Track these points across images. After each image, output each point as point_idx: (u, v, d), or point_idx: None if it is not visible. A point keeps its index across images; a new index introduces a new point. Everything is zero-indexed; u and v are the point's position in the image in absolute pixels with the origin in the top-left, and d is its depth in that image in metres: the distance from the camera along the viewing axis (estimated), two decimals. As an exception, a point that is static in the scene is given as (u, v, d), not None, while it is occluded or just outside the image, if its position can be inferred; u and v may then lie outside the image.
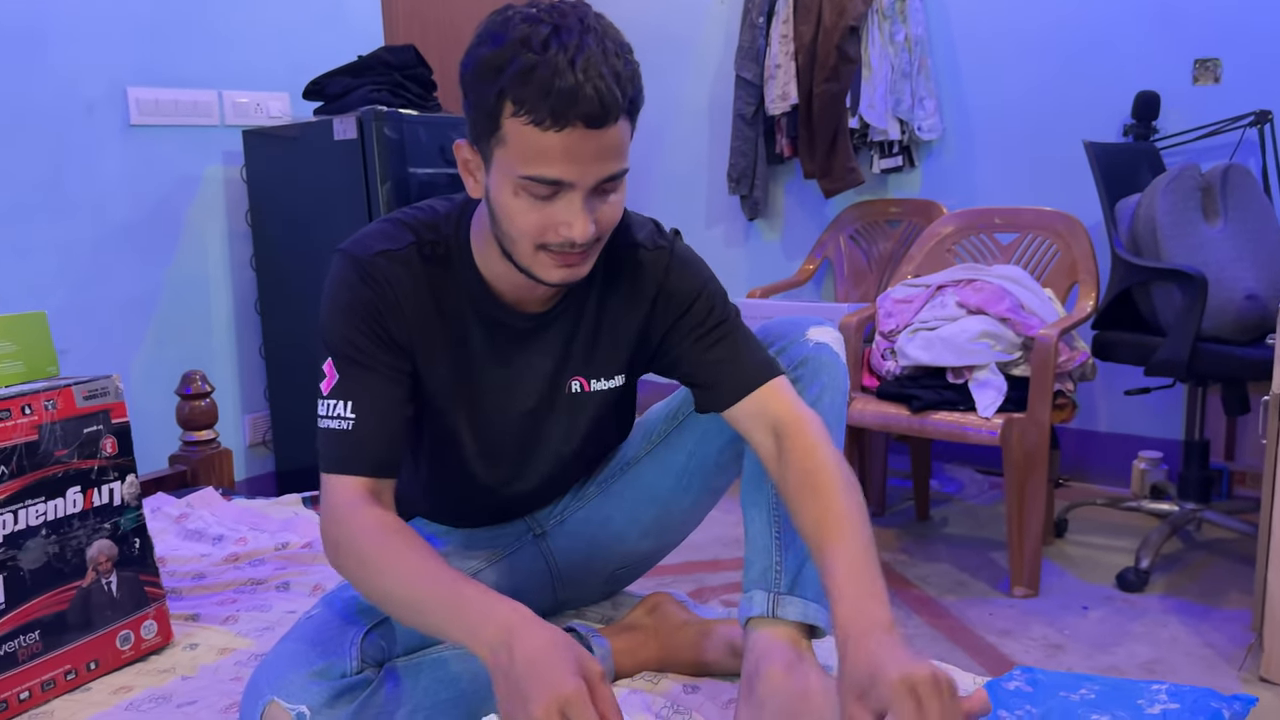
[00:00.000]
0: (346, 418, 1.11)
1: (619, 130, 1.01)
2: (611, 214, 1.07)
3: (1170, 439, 3.00)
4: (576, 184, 1.01)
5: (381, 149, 2.67)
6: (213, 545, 1.85)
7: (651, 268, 1.22)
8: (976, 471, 3.32)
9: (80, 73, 2.71)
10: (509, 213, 1.04)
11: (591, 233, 1.04)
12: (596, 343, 1.24)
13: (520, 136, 0.99)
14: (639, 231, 1.23)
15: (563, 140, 0.98)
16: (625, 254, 1.21)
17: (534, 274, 1.09)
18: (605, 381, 1.26)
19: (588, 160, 1.00)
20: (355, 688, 1.08)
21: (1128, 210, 2.54)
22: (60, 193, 2.69)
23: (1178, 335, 2.33)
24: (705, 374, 1.21)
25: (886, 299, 2.69)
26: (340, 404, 1.12)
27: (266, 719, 1.06)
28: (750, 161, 3.55)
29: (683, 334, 1.22)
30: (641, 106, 1.06)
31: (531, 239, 1.05)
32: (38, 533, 1.29)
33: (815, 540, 1.06)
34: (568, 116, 0.97)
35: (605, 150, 1.00)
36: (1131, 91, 2.93)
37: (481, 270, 1.17)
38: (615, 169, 1.03)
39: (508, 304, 1.19)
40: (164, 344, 2.92)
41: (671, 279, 1.22)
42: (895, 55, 3.23)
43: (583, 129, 0.98)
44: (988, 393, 2.40)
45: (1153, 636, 2.17)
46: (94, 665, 1.35)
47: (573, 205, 1.02)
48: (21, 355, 1.37)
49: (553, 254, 1.06)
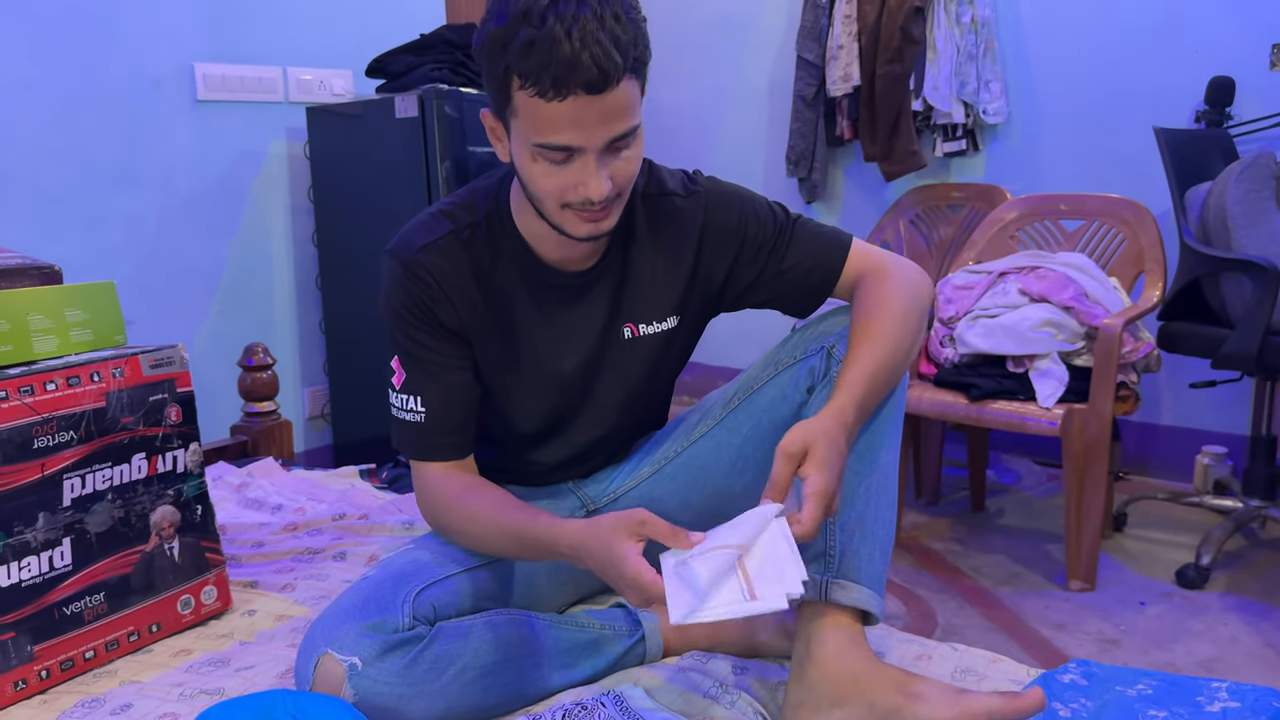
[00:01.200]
0: (418, 411, 1.22)
1: (623, 91, 1.05)
2: (627, 169, 1.12)
3: (1236, 434, 2.93)
4: (586, 147, 1.06)
5: (442, 127, 2.69)
6: (272, 514, 1.88)
7: (690, 212, 1.28)
8: (1034, 463, 3.27)
9: (149, 49, 2.76)
10: (531, 177, 1.11)
11: (608, 189, 1.09)
12: (644, 291, 1.29)
13: (528, 107, 1.05)
14: (671, 182, 1.29)
15: (567, 108, 1.03)
16: (662, 204, 1.28)
17: (564, 229, 1.15)
18: (657, 325, 1.31)
19: (594, 124, 1.05)
20: (407, 643, 1.10)
21: (1198, 199, 2.48)
22: (129, 167, 2.75)
23: (1247, 327, 2.27)
24: (791, 284, 1.29)
25: (947, 285, 2.65)
26: (411, 399, 1.23)
27: (320, 670, 1.08)
28: (810, 143, 3.52)
29: (746, 263, 1.28)
30: (648, 61, 1.10)
31: (555, 199, 1.11)
32: (104, 497, 1.32)
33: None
34: (569, 85, 1.01)
35: (610, 112, 1.05)
36: (1205, 76, 2.84)
37: (524, 234, 1.24)
38: (623, 128, 1.07)
39: (552, 264, 1.25)
40: (227, 316, 2.98)
41: (713, 218, 1.28)
42: (961, 37, 3.18)
43: (585, 96, 1.02)
44: (1049, 383, 2.36)
45: (1212, 635, 2.12)
46: (156, 628, 1.39)
47: (587, 167, 1.08)
48: (91, 324, 1.41)
49: (577, 211, 1.12)
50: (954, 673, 1.24)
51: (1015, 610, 2.26)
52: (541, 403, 1.31)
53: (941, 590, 2.38)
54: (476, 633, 1.15)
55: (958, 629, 2.17)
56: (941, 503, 2.99)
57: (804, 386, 1.24)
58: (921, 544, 2.67)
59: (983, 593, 2.36)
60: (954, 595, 2.35)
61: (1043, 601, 2.30)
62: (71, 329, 1.39)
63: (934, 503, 2.98)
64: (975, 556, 2.58)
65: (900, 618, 2.24)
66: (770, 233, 1.28)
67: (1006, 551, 2.60)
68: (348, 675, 1.06)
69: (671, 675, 1.22)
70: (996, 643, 2.09)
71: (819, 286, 1.28)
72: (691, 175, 1.32)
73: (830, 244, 1.28)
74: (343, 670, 1.07)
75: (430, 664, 1.10)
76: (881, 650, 1.29)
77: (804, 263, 1.27)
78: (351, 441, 3.14)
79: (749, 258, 1.28)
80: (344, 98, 3.12)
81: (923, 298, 1.22)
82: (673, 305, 1.31)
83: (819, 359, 1.22)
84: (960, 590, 2.38)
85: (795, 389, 1.24)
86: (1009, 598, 2.33)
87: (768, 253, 1.28)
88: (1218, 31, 2.88)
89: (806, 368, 1.23)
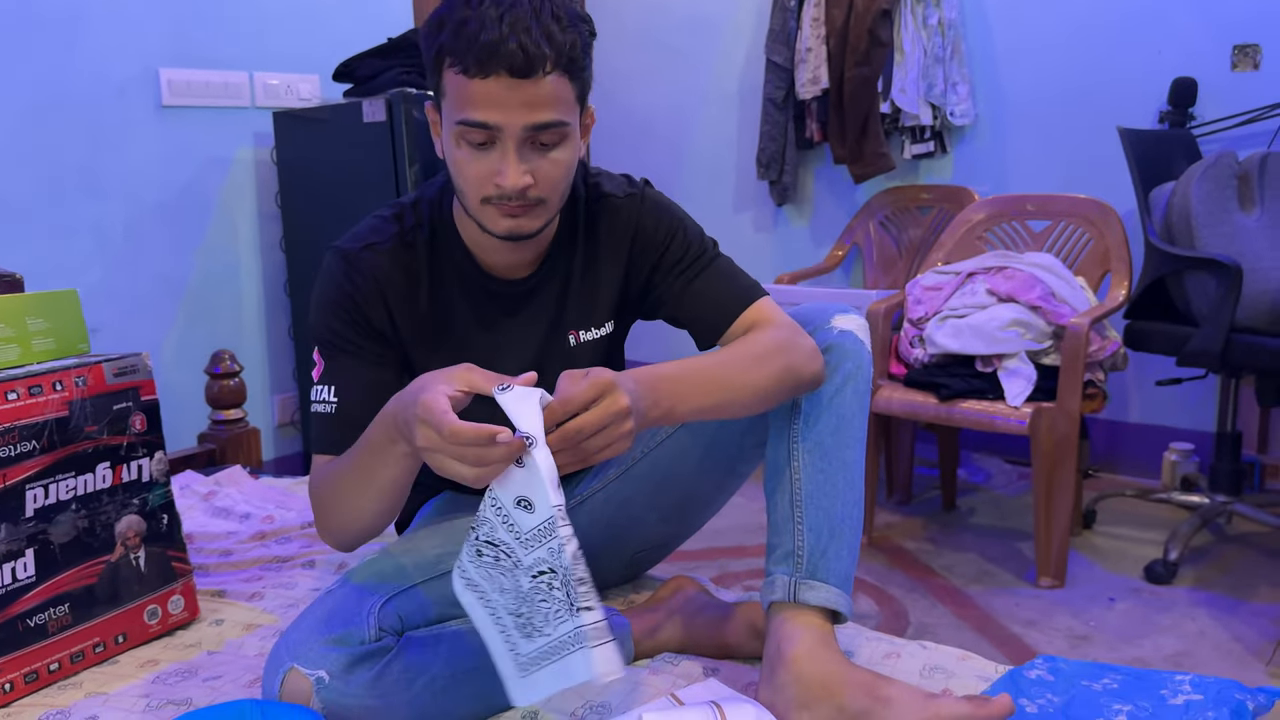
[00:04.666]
0: (330, 402, 1.19)
1: (550, 84, 1.05)
2: (552, 171, 1.11)
3: (1202, 430, 2.96)
4: (504, 128, 1.06)
5: (410, 131, 2.68)
6: (240, 523, 1.87)
7: (625, 214, 1.28)
8: (1004, 461, 3.29)
9: (112, 55, 2.74)
10: (455, 164, 1.12)
11: (525, 183, 1.08)
12: (585, 297, 1.29)
13: (455, 86, 1.07)
14: (609, 185, 1.29)
15: (488, 87, 1.04)
16: (600, 206, 1.28)
17: (484, 225, 1.15)
18: (596, 330, 1.31)
19: (514, 107, 1.05)
20: (373, 655, 1.09)
21: (1162, 198, 2.51)
22: (94, 174, 2.72)
23: (1211, 325, 2.30)
24: (690, 309, 1.27)
25: (916, 286, 2.67)
26: (326, 389, 1.20)
27: (287, 685, 1.07)
28: (780, 146, 3.53)
29: (663, 273, 1.28)
30: (583, 70, 1.10)
31: (476, 190, 1.11)
32: (68, 507, 1.31)
33: None
34: (492, 64, 1.03)
35: (533, 100, 1.05)
36: (1168, 78, 2.88)
37: (466, 241, 1.24)
38: (545, 119, 1.07)
39: (494, 272, 1.25)
40: (194, 323, 2.95)
41: (645, 222, 1.28)
42: (928, 39, 3.20)
43: (508, 78, 1.03)
44: (1017, 382, 2.38)
45: (1180, 629, 2.15)
46: (122, 639, 1.37)
47: (506, 154, 1.08)
48: (53, 332, 1.39)
49: (496, 206, 1.11)
50: (923, 670, 1.25)
51: (986, 608, 2.28)
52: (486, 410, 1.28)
53: (913, 589, 2.39)
54: (446, 641, 1.15)
55: (929, 627, 2.19)
56: (913, 502, 3.01)
57: None
58: (893, 543, 2.69)
59: (954, 591, 2.38)
60: (925, 594, 2.36)
61: (1013, 599, 2.32)
62: (33, 338, 1.37)
63: (905, 502, 2.99)
64: (947, 555, 2.60)
65: (873, 617, 2.25)
66: (690, 254, 1.27)
67: (977, 550, 2.62)
68: (315, 689, 1.05)
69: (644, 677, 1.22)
70: (968, 640, 2.11)
71: (716, 323, 1.25)
72: (633, 179, 1.32)
73: (741, 289, 1.26)
74: (310, 684, 1.06)
75: (399, 675, 1.09)
76: (851, 649, 1.30)
77: (709, 295, 1.26)
78: (323, 448, 3.11)
79: (665, 269, 1.27)
80: (311, 102, 3.10)
81: (800, 373, 1.15)
82: (610, 309, 1.31)
83: None
84: (932, 589, 2.39)
85: None
86: (980, 596, 2.34)
87: (679, 272, 1.27)
88: (1180, 33, 2.92)
89: None
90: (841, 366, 1.19)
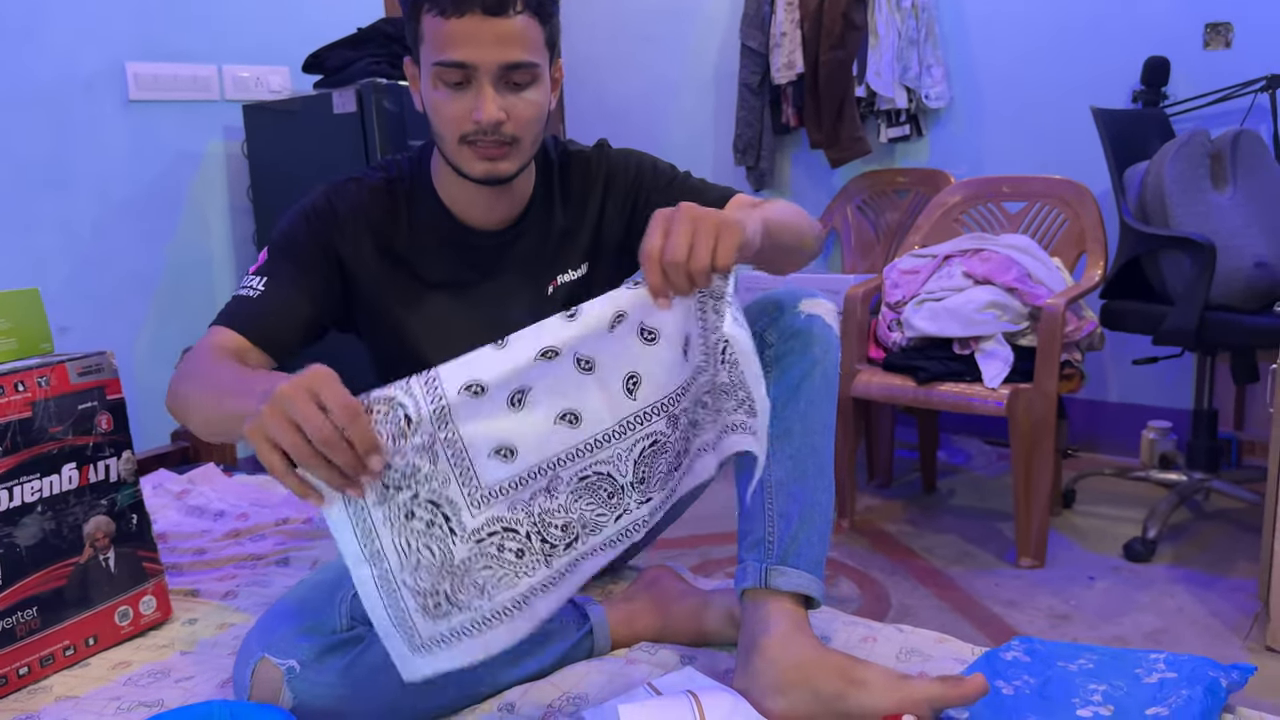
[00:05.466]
0: (257, 289, 1.21)
1: (521, 23, 1.13)
2: (526, 110, 1.17)
3: (1179, 409, 2.98)
4: (479, 65, 1.12)
5: (381, 122, 2.65)
6: (214, 521, 1.85)
7: (594, 163, 1.35)
8: (984, 443, 3.30)
9: (77, 48, 2.70)
10: (434, 107, 1.18)
11: (499, 118, 1.14)
12: (560, 243, 1.34)
13: (431, 28, 1.14)
14: (576, 147, 1.38)
15: (463, 25, 1.11)
16: (569, 162, 1.35)
17: (461, 169, 1.20)
18: (572, 273, 1.35)
19: (488, 44, 1.12)
20: (345, 644, 1.08)
21: (1136, 178, 2.51)
22: (60, 170, 2.68)
23: (1186, 304, 2.31)
24: None
25: (893, 269, 2.66)
26: (257, 279, 1.22)
27: (258, 675, 1.06)
28: (756, 132, 3.52)
29: (642, 208, 1.32)
30: (551, 16, 1.18)
31: (454, 130, 1.17)
32: (34, 509, 1.29)
33: None
34: (467, 3, 1.10)
35: (505, 37, 1.12)
36: (1141, 57, 2.88)
37: (442, 197, 1.29)
38: (517, 57, 1.13)
39: (473, 226, 1.29)
40: (167, 320, 2.92)
41: (615, 164, 1.35)
42: (902, 22, 3.19)
43: (480, 15, 1.11)
44: (994, 363, 2.38)
45: (1159, 606, 2.16)
46: (93, 641, 1.35)
47: (482, 91, 1.14)
48: (15, 332, 1.37)
49: (473, 147, 1.17)
50: (899, 653, 1.25)
51: (967, 589, 2.28)
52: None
53: (894, 572, 2.39)
54: None
55: (911, 610, 2.19)
56: (893, 485, 3.01)
57: None
58: (875, 526, 2.69)
59: (935, 573, 2.38)
60: (907, 576, 2.36)
61: (994, 580, 2.32)
62: (-5, 338, 1.35)
63: (886, 485, 3.00)
64: (927, 537, 2.60)
65: (854, 600, 2.25)
66: (664, 178, 1.35)
67: (958, 531, 2.63)
68: (286, 678, 1.05)
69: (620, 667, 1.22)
70: (949, 622, 2.11)
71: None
72: (602, 141, 1.40)
73: (719, 191, 1.34)
74: (280, 674, 1.05)
75: (370, 664, 1.08)
76: (827, 634, 1.29)
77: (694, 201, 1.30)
78: (301, 444, 3.09)
79: (644, 198, 1.33)
80: (281, 94, 3.07)
81: (812, 230, 1.29)
82: (583, 251, 1.35)
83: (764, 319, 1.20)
84: (913, 571, 2.39)
85: None
86: (961, 577, 2.35)
87: (660, 190, 1.33)
88: (1152, 12, 2.92)
89: None
90: (809, 351, 1.18)
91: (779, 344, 1.18)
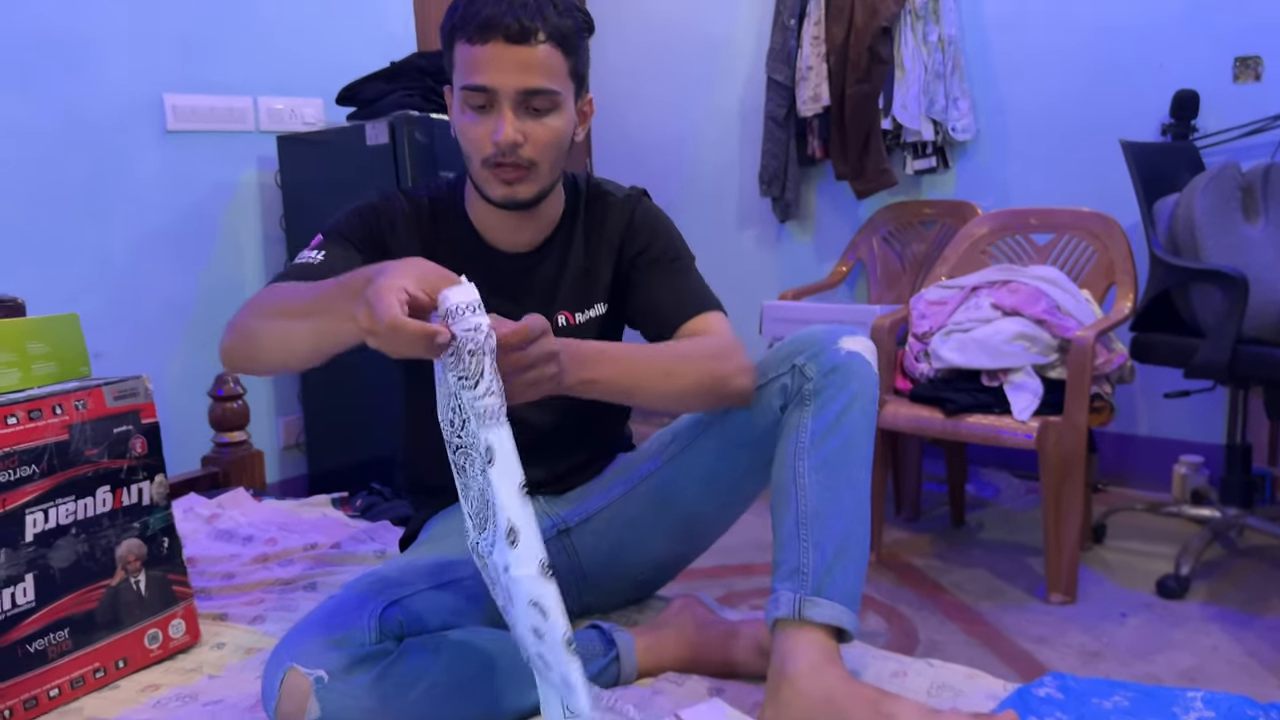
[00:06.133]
0: (316, 258, 1.27)
1: (543, 52, 1.19)
2: (545, 135, 1.23)
3: (1211, 443, 2.94)
4: (500, 89, 1.19)
5: (413, 153, 2.68)
6: (242, 545, 1.86)
7: (620, 212, 1.40)
8: (1013, 476, 3.27)
9: (118, 80, 2.75)
10: (460, 129, 1.25)
11: (516, 140, 1.20)
12: (579, 279, 1.39)
13: (460, 55, 1.22)
14: (610, 186, 1.43)
15: (488, 52, 1.19)
16: (599, 202, 1.41)
17: (484, 191, 1.27)
18: (588, 311, 1.39)
19: (509, 70, 1.19)
20: (373, 657, 1.09)
21: (1166, 210, 2.50)
22: (98, 198, 2.73)
23: (1218, 337, 2.28)
24: (648, 300, 1.36)
25: (920, 300, 2.66)
26: (315, 252, 1.28)
27: (286, 684, 1.06)
28: (782, 163, 3.54)
29: (641, 267, 1.38)
30: (576, 49, 1.24)
31: (478, 152, 1.24)
32: (68, 531, 1.30)
33: None
34: (491, 31, 1.18)
35: (526, 64, 1.19)
36: (1170, 90, 2.88)
37: (472, 218, 1.37)
38: (537, 84, 1.20)
39: (498, 248, 1.36)
40: (199, 347, 2.95)
41: (636, 220, 1.40)
42: (929, 56, 3.20)
43: (504, 43, 1.18)
44: (1023, 395, 2.36)
45: (1193, 645, 2.12)
46: (122, 663, 1.36)
47: (502, 114, 1.20)
48: (54, 356, 1.39)
49: (494, 169, 1.23)
50: (930, 689, 1.23)
51: (996, 625, 2.26)
52: None
53: (922, 606, 2.37)
54: (447, 648, 1.14)
55: (939, 645, 2.16)
56: (921, 518, 2.99)
57: (776, 405, 1.23)
58: (902, 560, 2.67)
59: (964, 608, 2.36)
60: (935, 611, 2.34)
61: (1024, 615, 2.29)
62: (34, 362, 1.37)
63: (914, 519, 2.98)
64: (956, 571, 2.57)
65: (881, 634, 2.23)
66: (667, 255, 1.38)
67: (987, 566, 2.60)
68: (314, 689, 1.05)
69: (648, 697, 1.21)
70: (978, 658, 2.09)
71: (667, 318, 1.33)
72: (634, 188, 1.44)
73: (700, 296, 1.35)
74: (309, 684, 1.05)
75: (399, 679, 1.09)
76: (858, 668, 1.28)
77: (670, 292, 1.35)
78: (327, 470, 3.11)
79: (643, 264, 1.37)
80: (315, 126, 3.11)
81: (726, 384, 1.22)
82: (603, 291, 1.40)
83: (790, 377, 1.21)
84: (941, 606, 2.37)
85: (767, 408, 1.23)
86: (990, 612, 2.32)
87: (652, 264, 1.37)
88: (1181, 45, 2.92)
89: (778, 386, 1.23)
90: (848, 386, 1.19)
91: (818, 378, 1.19)
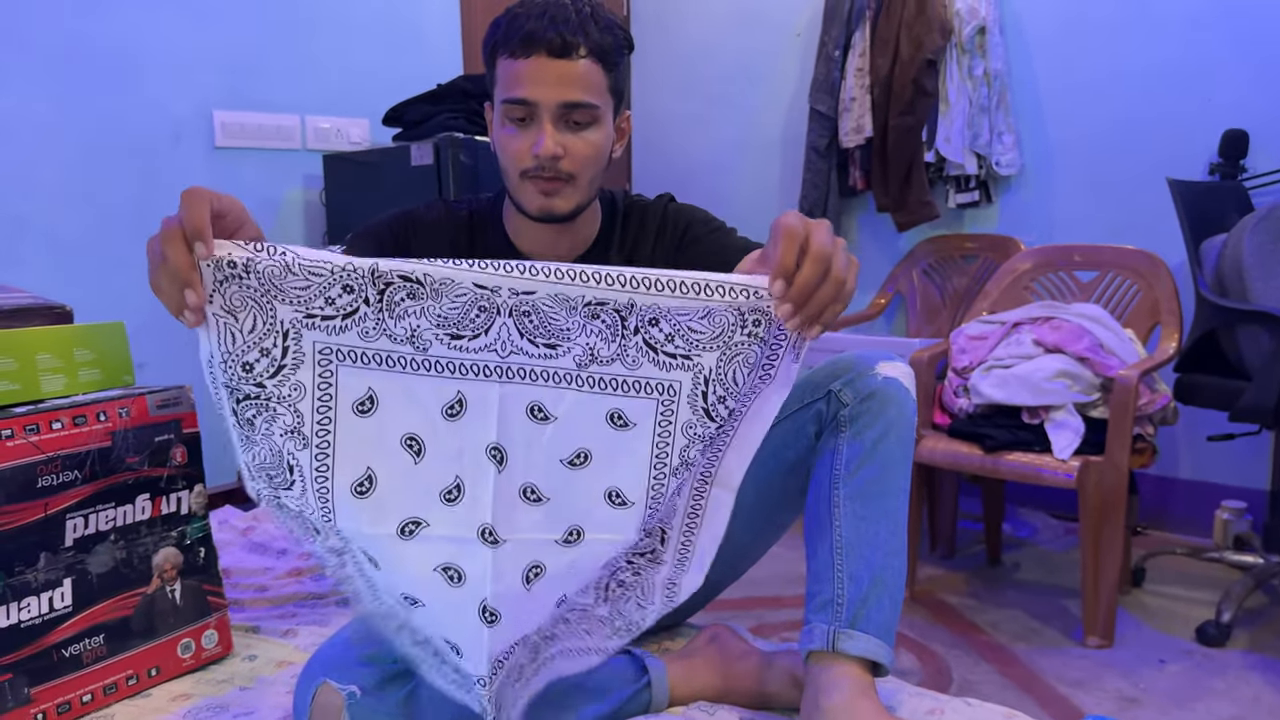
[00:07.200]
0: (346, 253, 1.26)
1: (583, 67, 1.21)
2: (583, 149, 1.25)
3: (1255, 488, 2.88)
4: (541, 102, 1.21)
5: (457, 174, 2.71)
6: (276, 559, 1.87)
7: (654, 211, 1.43)
8: (1051, 516, 3.22)
9: (168, 96, 2.80)
10: (501, 144, 1.27)
11: (556, 152, 1.22)
12: None
13: (502, 70, 1.24)
14: (647, 199, 1.45)
15: (529, 66, 1.20)
16: (636, 211, 1.43)
17: (521, 204, 1.29)
18: None
19: (550, 83, 1.21)
20: (405, 674, 1.09)
21: (1213, 250, 2.46)
22: (146, 212, 2.77)
23: (1264, 380, 2.24)
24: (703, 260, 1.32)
25: (960, 335, 2.63)
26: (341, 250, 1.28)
27: (319, 699, 1.07)
28: (823, 194, 3.53)
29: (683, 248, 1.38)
30: (615, 65, 1.25)
31: (516, 165, 1.25)
32: (106, 538, 1.31)
33: None
34: (533, 46, 1.19)
35: (567, 78, 1.21)
36: (1218, 129, 2.85)
37: (509, 232, 1.38)
38: (577, 98, 1.22)
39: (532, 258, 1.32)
40: (239, 361, 2.98)
41: (670, 215, 1.42)
42: (974, 89, 3.19)
43: (546, 57, 1.20)
44: (1064, 434, 2.33)
45: (1234, 693, 2.07)
46: (155, 672, 1.37)
47: (542, 127, 1.22)
48: (99, 363, 1.41)
49: (533, 181, 1.25)
50: (967, 728, 1.21)
51: (1032, 667, 2.21)
52: None
53: (956, 645, 2.33)
54: None
55: (973, 685, 2.13)
56: (957, 556, 2.95)
57: (811, 431, 1.22)
58: (936, 598, 2.63)
59: (999, 648, 2.31)
60: (969, 651, 2.30)
61: (1060, 658, 2.25)
62: (80, 369, 1.39)
63: (949, 556, 2.93)
64: (991, 611, 2.53)
65: (914, 673, 2.19)
66: (712, 226, 1.40)
67: (1023, 606, 2.56)
68: (346, 704, 1.05)
69: (677, 727, 1.20)
70: (1012, 699, 2.05)
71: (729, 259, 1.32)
72: (668, 195, 1.46)
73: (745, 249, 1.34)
74: (341, 700, 1.05)
75: (430, 697, 1.08)
76: (893, 704, 1.26)
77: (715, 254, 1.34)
78: (361, 488, 3.12)
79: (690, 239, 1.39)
80: (361, 145, 3.15)
81: None
82: None
83: (825, 403, 1.20)
84: (975, 646, 2.33)
85: (802, 434, 1.23)
86: (1025, 654, 2.28)
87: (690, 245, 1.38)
88: (1231, 84, 2.89)
89: (813, 412, 1.22)
90: (885, 413, 1.18)
91: (854, 404, 1.18)
